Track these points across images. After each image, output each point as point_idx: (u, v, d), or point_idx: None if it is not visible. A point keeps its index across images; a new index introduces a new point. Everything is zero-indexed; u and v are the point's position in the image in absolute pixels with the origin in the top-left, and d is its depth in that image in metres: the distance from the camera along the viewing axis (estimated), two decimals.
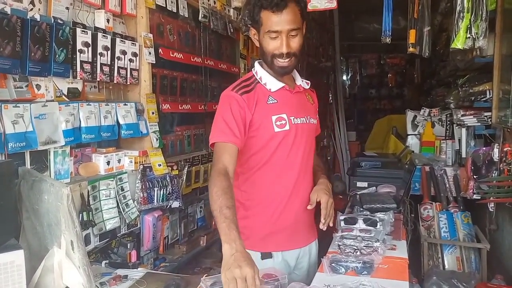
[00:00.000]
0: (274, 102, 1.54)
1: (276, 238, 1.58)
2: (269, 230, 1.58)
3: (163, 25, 2.41)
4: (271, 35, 1.46)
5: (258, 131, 1.52)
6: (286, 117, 1.54)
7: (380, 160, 3.16)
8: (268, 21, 1.45)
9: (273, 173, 1.56)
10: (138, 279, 1.48)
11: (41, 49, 1.56)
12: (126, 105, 2.01)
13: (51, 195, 1.15)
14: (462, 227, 3.00)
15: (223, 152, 1.43)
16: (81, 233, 1.12)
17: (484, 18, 2.24)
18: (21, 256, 1.14)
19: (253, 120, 1.51)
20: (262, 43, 1.51)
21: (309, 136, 1.63)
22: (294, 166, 1.58)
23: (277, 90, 1.56)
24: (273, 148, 1.54)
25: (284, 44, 1.46)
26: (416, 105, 5.55)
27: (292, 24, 1.45)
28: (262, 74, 1.58)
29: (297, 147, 1.57)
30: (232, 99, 1.50)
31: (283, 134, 1.53)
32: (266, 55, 1.52)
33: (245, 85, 1.55)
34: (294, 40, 1.48)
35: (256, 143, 1.54)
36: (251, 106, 1.50)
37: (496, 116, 2.81)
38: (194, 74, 2.74)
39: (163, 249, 2.33)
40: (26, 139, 1.51)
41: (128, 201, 2.00)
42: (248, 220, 1.59)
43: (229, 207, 1.27)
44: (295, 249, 1.63)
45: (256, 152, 1.55)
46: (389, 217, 1.88)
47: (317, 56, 6.09)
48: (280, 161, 1.55)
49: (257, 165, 1.56)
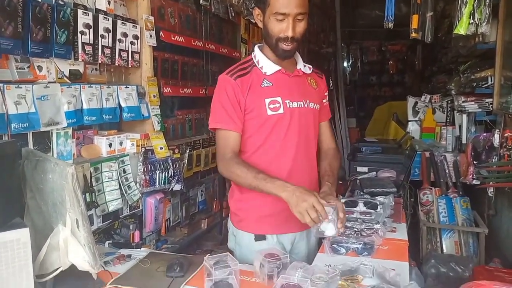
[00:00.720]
0: (268, 85, 1.54)
1: (270, 220, 1.59)
2: (263, 213, 1.59)
3: (164, 8, 2.39)
4: (278, 17, 1.44)
5: (252, 114, 1.53)
6: (281, 100, 1.53)
7: (381, 145, 3.19)
8: (277, 2, 1.43)
9: (268, 156, 1.56)
10: (141, 258, 1.49)
11: (43, 30, 1.55)
12: (127, 88, 2.01)
13: (56, 174, 1.15)
14: (461, 212, 3.03)
15: (228, 141, 1.52)
16: (86, 211, 1.13)
17: (488, 4, 2.23)
18: (26, 234, 1.15)
19: (246, 103, 1.52)
20: (268, 24, 1.49)
21: (307, 120, 1.61)
22: (290, 149, 1.57)
23: (273, 74, 1.55)
24: (267, 131, 1.54)
25: (290, 27, 1.44)
26: (417, 91, 5.54)
27: (301, 8, 1.44)
28: (260, 57, 1.58)
29: (292, 130, 1.56)
30: (227, 83, 1.52)
31: (276, 117, 1.53)
32: (270, 38, 1.50)
33: (241, 68, 1.56)
34: (300, 24, 1.47)
35: (250, 126, 1.55)
36: (244, 90, 1.51)
37: (497, 102, 2.81)
38: (195, 58, 2.73)
39: (165, 231, 2.35)
40: (28, 120, 1.51)
41: (130, 183, 2.01)
42: (243, 202, 1.63)
43: (261, 172, 1.42)
44: (290, 233, 1.64)
45: (251, 135, 1.56)
46: (389, 200, 1.90)
47: (318, 42, 6.05)
48: (276, 144, 1.56)
49: (252, 148, 1.57)
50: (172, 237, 2.48)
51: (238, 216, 1.65)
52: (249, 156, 1.58)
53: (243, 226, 1.64)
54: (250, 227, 1.61)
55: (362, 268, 1.30)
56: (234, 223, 1.67)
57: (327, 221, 1.30)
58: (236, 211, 1.66)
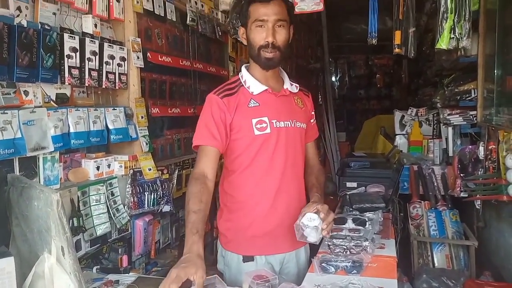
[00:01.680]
0: (255, 105, 1.56)
1: (259, 241, 1.59)
2: (251, 234, 1.59)
3: (151, 29, 2.41)
4: (258, 24, 1.51)
5: (239, 134, 1.54)
6: (268, 120, 1.55)
7: (369, 160, 3.22)
8: (255, 11, 1.51)
9: (255, 176, 1.57)
10: (129, 283, 1.48)
11: (29, 55, 1.56)
12: (115, 110, 2.01)
13: (41, 201, 1.14)
14: (451, 225, 3.05)
15: (202, 155, 1.51)
16: (71, 238, 1.12)
17: (468, 19, 2.29)
18: (11, 263, 1.13)
19: (233, 123, 1.53)
20: (250, 36, 1.55)
21: (294, 140, 1.62)
22: (277, 169, 1.57)
23: (260, 93, 1.57)
24: (254, 151, 1.55)
25: (270, 33, 1.50)
26: (404, 105, 5.61)
27: (279, 15, 1.50)
28: (246, 77, 1.60)
29: (280, 150, 1.57)
30: (213, 102, 1.54)
31: (263, 137, 1.54)
32: (253, 48, 1.55)
33: (228, 88, 1.58)
34: (280, 32, 1.52)
35: (238, 146, 1.56)
36: (231, 109, 1.52)
37: (481, 115, 2.86)
38: (183, 78, 2.75)
39: (155, 254, 2.32)
40: (14, 146, 1.50)
41: (119, 206, 2.00)
42: (232, 222, 1.62)
43: (195, 211, 1.34)
44: (279, 254, 1.63)
45: (239, 155, 1.57)
46: (378, 216, 1.91)
47: (305, 57, 6.14)
48: (263, 164, 1.56)
49: (240, 168, 1.58)
50: (162, 259, 2.45)
51: (226, 237, 1.64)
52: (237, 175, 1.59)
53: (231, 247, 1.63)
54: (239, 248, 1.61)
55: (350, 287, 1.30)
56: (222, 244, 1.67)
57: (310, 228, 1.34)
58: (225, 232, 1.66)
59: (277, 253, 1.62)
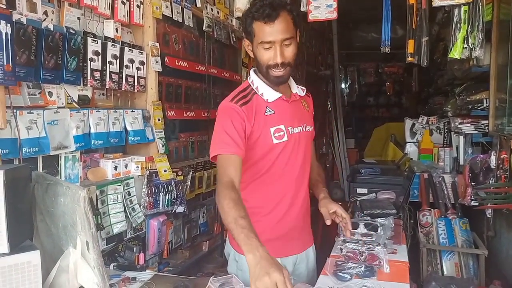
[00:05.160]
0: (271, 113, 1.54)
1: (274, 245, 1.54)
2: (266, 237, 1.52)
3: (168, 34, 2.47)
4: (265, 46, 1.45)
5: (257, 142, 1.52)
6: (284, 128, 1.54)
7: (380, 167, 3.23)
8: (261, 32, 1.44)
9: (271, 182, 1.57)
10: (146, 281, 1.51)
11: (54, 58, 1.62)
12: (133, 112, 2.06)
13: (67, 198, 1.19)
14: (460, 234, 3.05)
15: (228, 164, 1.43)
16: (96, 234, 1.16)
17: (481, 29, 2.32)
18: (37, 257, 1.18)
19: (253, 131, 1.50)
20: (256, 54, 1.50)
21: (307, 144, 1.64)
22: (292, 174, 1.58)
23: (274, 101, 1.56)
24: (272, 159, 1.54)
25: (278, 54, 1.45)
26: (414, 113, 5.63)
27: (285, 34, 1.44)
28: (258, 83, 1.57)
29: (295, 156, 1.58)
30: (232, 111, 1.49)
31: (282, 145, 1.54)
32: (261, 66, 1.51)
33: (243, 96, 1.54)
34: (288, 49, 1.47)
35: (254, 154, 1.54)
36: (250, 118, 1.49)
37: (493, 124, 2.87)
38: (198, 82, 2.80)
39: (167, 254, 2.36)
40: (39, 144, 1.56)
41: (135, 206, 2.05)
42: None
43: (244, 217, 1.25)
44: (292, 255, 1.64)
45: (255, 163, 1.55)
46: (389, 222, 1.94)
47: (316, 64, 6.17)
48: (279, 171, 1.56)
49: (256, 175, 1.57)
50: (173, 259, 2.48)
51: None
52: (251, 182, 1.58)
53: None
54: None
55: None
56: (236, 248, 1.63)
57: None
58: None
59: (290, 255, 1.64)
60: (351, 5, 4.18)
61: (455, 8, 2.36)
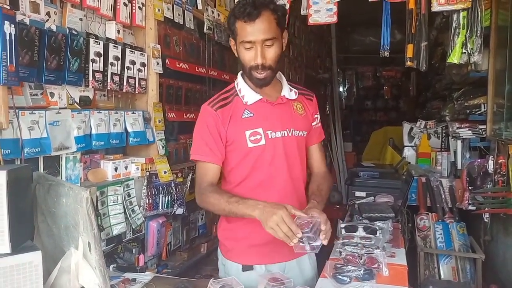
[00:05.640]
0: (249, 116, 1.50)
1: (258, 250, 1.54)
2: (250, 243, 1.54)
3: (169, 36, 2.48)
4: (246, 46, 1.42)
5: (232, 146, 1.50)
6: (262, 132, 1.49)
7: (378, 170, 3.25)
8: (242, 31, 1.41)
9: (254, 187, 1.53)
10: (146, 282, 1.51)
11: (57, 59, 1.62)
12: (134, 113, 2.07)
13: (70, 198, 1.19)
14: (458, 238, 3.07)
15: (205, 172, 1.50)
16: (98, 234, 1.16)
17: (479, 34, 2.34)
18: (39, 257, 1.18)
19: (227, 135, 1.49)
20: (239, 54, 1.47)
21: (292, 150, 1.56)
22: (277, 180, 1.53)
23: (254, 103, 1.51)
24: (250, 163, 1.51)
25: (259, 54, 1.41)
26: (412, 117, 5.66)
27: (267, 34, 1.40)
28: (241, 86, 1.54)
29: (277, 161, 1.52)
30: (208, 115, 1.49)
31: (258, 149, 1.50)
32: (244, 67, 1.49)
33: (223, 98, 1.53)
34: (270, 50, 1.42)
35: (232, 158, 1.53)
36: (225, 122, 1.48)
37: (490, 129, 2.89)
38: (198, 84, 2.81)
39: (166, 255, 2.36)
40: (41, 145, 1.56)
41: (134, 207, 2.05)
42: (231, 232, 1.59)
43: (232, 196, 1.40)
44: (279, 263, 1.58)
45: (235, 167, 1.54)
46: (388, 225, 1.94)
47: (314, 67, 6.20)
48: (261, 176, 1.52)
49: (238, 179, 1.55)
50: (172, 261, 2.48)
51: (226, 246, 1.62)
52: (234, 187, 1.55)
53: (231, 256, 1.60)
54: (238, 257, 1.57)
55: None
56: (223, 253, 1.64)
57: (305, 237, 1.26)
58: (224, 241, 1.63)
59: (276, 262, 1.58)
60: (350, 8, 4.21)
61: (454, 14, 2.39)
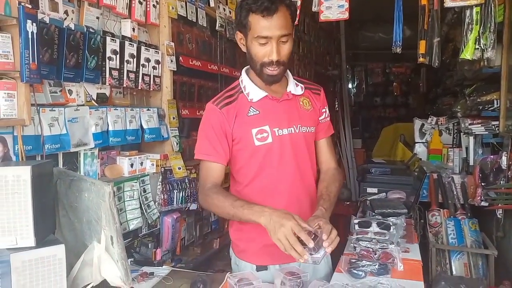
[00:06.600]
0: (255, 114, 1.47)
1: (272, 250, 1.43)
2: (263, 243, 1.48)
3: (182, 34, 2.50)
4: (260, 41, 1.36)
5: (239, 144, 1.48)
6: (269, 129, 1.46)
7: (390, 166, 3.24)
8: (257, 26, 1.35)
9: (263, 186, 1.51)
10: (164, 276, 1.55)
11: (75, 57, 1.65)
12: (149, 110, 2.10)
13: (92, 193, 1.22)
14: (470, 234, 3.06)
15: (209, 172, 1.48)
16: (120, 228, 1.19)
17: (493, 30, 2.33)
18: (62, 250, 1.21)
19: (233, 134, 1.46)
20: (250, 49, 1.41)
21: (300, 146, 1.53)
22: (286, 178, 1.51)
23: (259, 100, 1.48)
24: (258, 162, 1.49)
25: (274, 51, 1.36)
26: (421, 113, 5.63)
27: (283, 30, 1.35)
28: (246, 83, 1.51)
29: (286, 158, 1.50)
30: (212, 113, 1.47)
31: (265, 147, 1.47)
32: (254, 63, 1.43)
33: (228, 96, 1.50)
34: (284, 46, 1.39)
35: (240, 157, 1.50)
36: (230, 120, 1.45)
37: (503, 125, 2.88)
38: (210, 81, 2.83)
39: (180, 250, 2.39)
40: (60, 141, 1.59)
41: (150, 203, 2.08)
42: (243, 232, 1.56)
43: (237, 199, 1.37)
44: (293, 262, 1.50)
45: (243, 166, 1.52)
46: (401, 221, 1.95)
47: (324, 64, 6.19)
48: (270, 175, 1.50)
49: (246, 179, 1.52)
50: (185, 256, 2.51)
51: (239, 246, 1.60)
52: (244, 187, 1.53)
53: (244, 256, 1.59)
54: (252, 257, 1.56)
55: (379, 287, 1.34)
56: (236, 253, 1.62)
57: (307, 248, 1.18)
58: (237, 241, 1.61)
59: (291, 262, 1.50)
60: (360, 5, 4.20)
61: (467, 9, 2.37)
